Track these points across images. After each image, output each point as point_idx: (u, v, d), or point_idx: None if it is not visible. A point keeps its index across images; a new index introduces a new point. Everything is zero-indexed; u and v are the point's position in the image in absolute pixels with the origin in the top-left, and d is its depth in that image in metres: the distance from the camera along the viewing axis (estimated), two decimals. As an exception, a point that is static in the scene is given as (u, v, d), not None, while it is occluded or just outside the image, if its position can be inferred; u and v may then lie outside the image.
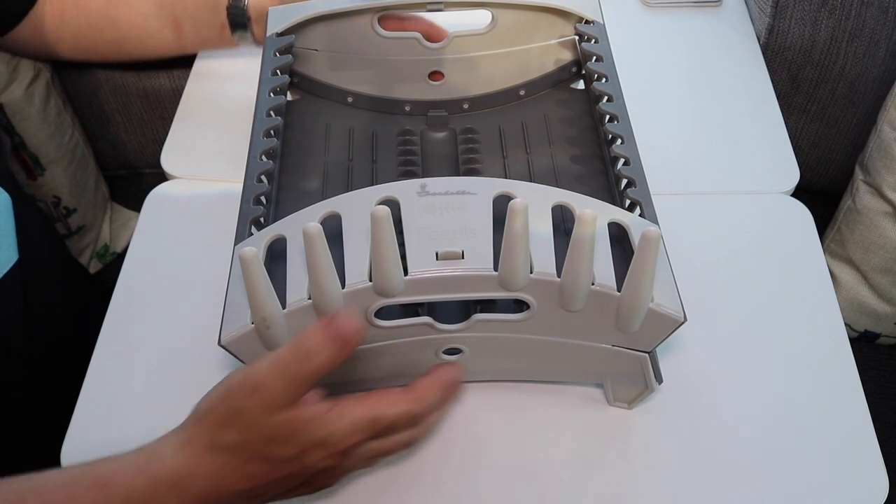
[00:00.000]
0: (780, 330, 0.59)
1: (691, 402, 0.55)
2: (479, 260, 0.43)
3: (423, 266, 0.43)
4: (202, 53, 0.82)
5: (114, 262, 1.04)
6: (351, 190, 0.57)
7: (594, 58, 0.61)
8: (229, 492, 0.42)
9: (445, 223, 0.45)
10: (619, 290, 0.44)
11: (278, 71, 0.61)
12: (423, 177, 0.61)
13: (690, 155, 0.71)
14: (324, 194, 0.59)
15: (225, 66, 0.80)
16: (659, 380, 0.50)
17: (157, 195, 0.69)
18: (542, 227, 0.45)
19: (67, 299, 0.87)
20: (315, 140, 0.63)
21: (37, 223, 0.77)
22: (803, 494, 0.51)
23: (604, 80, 0.60)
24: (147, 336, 0.59)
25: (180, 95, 0.77)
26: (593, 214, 0.41)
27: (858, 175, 0.85)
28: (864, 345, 0.91)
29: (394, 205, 0.44)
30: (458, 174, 0.62)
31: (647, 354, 0.48)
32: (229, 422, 0.41)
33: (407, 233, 0.44)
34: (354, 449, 0.44)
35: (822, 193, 0.95)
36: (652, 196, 0.51)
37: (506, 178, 0.61)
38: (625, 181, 0.54)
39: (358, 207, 0.46)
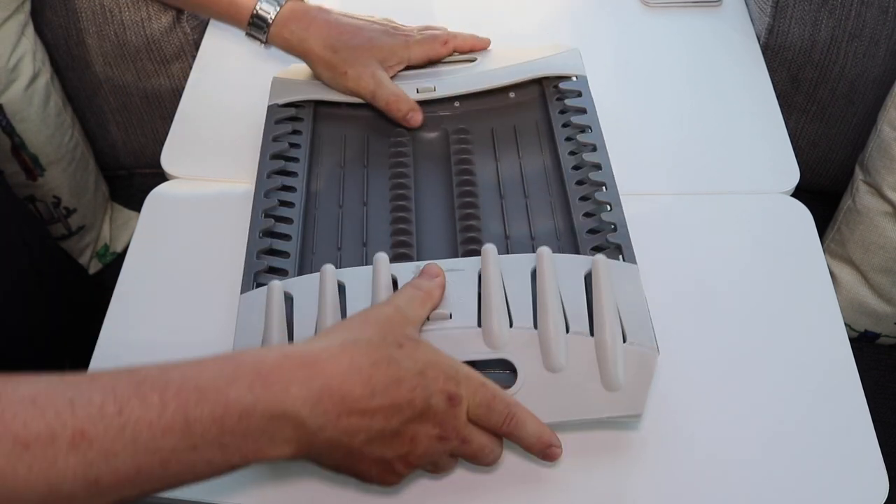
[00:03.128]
0: (779, 330, 0.59)
1: (691, 400, 0.55)
2: (465, 318, 0.50)
3: None
4: (202, 53, 0.82)
5: (114, 262, 1.04)
6: (343, 195, 0.63)
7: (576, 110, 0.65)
8: (349, 402, 0.41)
9: None
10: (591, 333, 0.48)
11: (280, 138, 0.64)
12: (413, 179, 0.63)
13: (690, 155, 0.71)
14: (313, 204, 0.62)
15: (225, 67, 0.80)
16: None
17: (157, 195, 0.69)
18: (521, 288, 0.51)
19: (67, 299, 0.87)
20: (315, 146, 0.65)
21: (33, 226, 0.76)
22: (803, 494, 0.51)
23: (588, 130, 0.63)
24: (147, 336, 0.59)
25: (180, 95, 0.77)
26: (548, 250, 0.48)
27: (858, 175, 0.85)
28: (864, 345, 0.91)
29: (394, 283, 0.52)
30: (450, 178, 0.63)
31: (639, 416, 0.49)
32: (365, 322, 0.46)
33: None
34: (465, 411, 0.44)
35: (822, 193, 0.95)
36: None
37: (497, 180, 0.63)
38: (590, 184, 0.59)
39: (360, 281, 0.52)
